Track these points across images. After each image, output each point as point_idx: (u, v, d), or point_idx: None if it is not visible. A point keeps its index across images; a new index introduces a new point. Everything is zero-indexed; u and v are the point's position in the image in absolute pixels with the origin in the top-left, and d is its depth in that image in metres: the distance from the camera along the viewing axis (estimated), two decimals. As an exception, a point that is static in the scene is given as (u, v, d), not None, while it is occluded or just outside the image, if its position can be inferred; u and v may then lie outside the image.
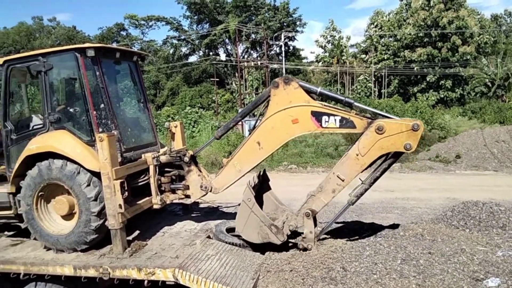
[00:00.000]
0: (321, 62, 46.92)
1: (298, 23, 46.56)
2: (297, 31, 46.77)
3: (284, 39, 42.98)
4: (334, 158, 18.40)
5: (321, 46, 47.01)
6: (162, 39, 52.84)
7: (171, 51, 48.36)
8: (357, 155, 4.76)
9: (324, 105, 4.87)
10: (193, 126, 27.34)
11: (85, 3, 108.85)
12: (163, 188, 5.78)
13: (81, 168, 5.05)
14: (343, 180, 4.86)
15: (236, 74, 41.83)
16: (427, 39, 39.15)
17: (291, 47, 48.33)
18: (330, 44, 46.36)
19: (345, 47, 46.15)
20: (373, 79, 43.13)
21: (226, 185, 5.44)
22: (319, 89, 5.00)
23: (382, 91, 42.78)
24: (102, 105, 5.43)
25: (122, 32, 53.27)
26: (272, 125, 4.99)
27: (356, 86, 43.05)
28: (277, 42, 44.00)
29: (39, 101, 6.53)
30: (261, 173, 6.17)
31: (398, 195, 12.54)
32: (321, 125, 4.82)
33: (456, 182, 14.18)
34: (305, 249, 5.10)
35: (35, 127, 5.65)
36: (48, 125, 5.39)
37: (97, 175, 5.03)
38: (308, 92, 4.93)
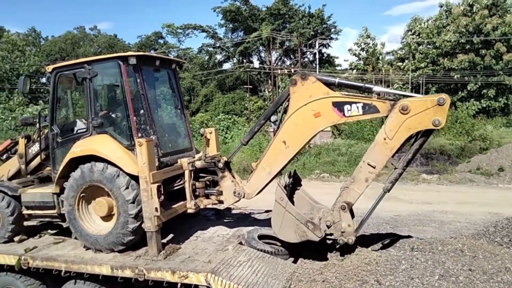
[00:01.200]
0: (355, 70, 46.22)
1: (332, 30, 46.18)
2: (331, 38, 46.39)
3: (318, 46, 42.73)
4: (368, 168, 18.01)
5: (355, 54, 46.36)
6: (197, 46, 54.01)
7: (206, 58, 49.34)
8: (385, 139, 4.63)
9: (345, 95, 4.82)
10: (226, 133, 27.69)
11: (125, 13, 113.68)
12: (197, 193, 5.88)
13: (121, 171, 5.24)
14: (374, 167, 4.72)
15: (269, 81, 41.98)
16: (469, 46, 37.64)
17: (325, 55, 48.00)
18: (364, 51, 45.61)
19: (380, 54, 45.24)
20: (410, 87, 41.90)
21: (258, 189, 5.44)
22: (337, 80, 4.97)
23: (419, 99, 41.35)
24: (141, 111, 5.63)
25: (159, 40, 55.07)
26: (295, 122, 4.99)
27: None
28: (310, 50, 43.78)
29: (81, 105, 6.91)
30: (292, 173, 6.15)
31: (436, 208, 12.07)
32: (344, 114, 4.78)
33: (499, 196, 13.44)
34: (346, 244, 4.96)
35: (79, 131, 5.93)
36: (91, 130, 5.65)
37: (135, 178, 5.20)
38: (327, 84, 4.89)
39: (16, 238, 6.25)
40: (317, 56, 43.79)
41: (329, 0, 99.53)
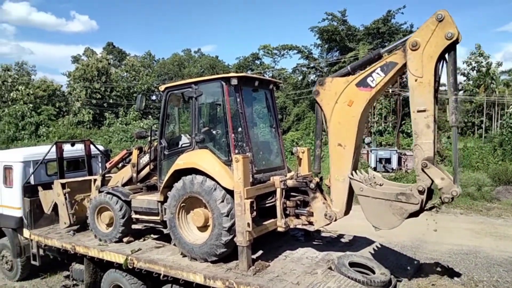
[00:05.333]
0: (462, 91, 42.24)
1: (437, 48, 43.09)
2: (435, 57, 43.27)
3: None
4: (476, 200, 16.09)
5: (463, 74, 42.44)
6: (292, 67, 55.02)
7: (299, 79, 49.96)
8: (416, 80, 4.61)
9: (361, 72, 5.01)
10: (323, 150, 27.34)
11: (227, 36, 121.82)
12: (287, 212, 5.89)
13: (218, 185, 5.52)
14: (425, 111, 4.58)
15: (364, 102, 40.64)
16: None
17: (427, 74, 44.90)
18: (474, 71, 41.52)
19: (494, 74, 40.66)
20: (530, 110, 36.65)
21: (343, 203, 5.33)
22: (349, 67, 5.27)
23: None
24: (240, 129, 5.90)
25: (256, 61, 57.53)
26: (338, 121, 5.16)
27: (505, 120, 37.30)
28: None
29: (183, 121, 7.51)
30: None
31: None
32: (371, 87, 4.92)
33: None
34: (452, 198, 4.54)
35: (183, 145, 6.45)
36: (194, 144, 6.09)
37: (230, 192, 5.43)
38: (343, 76, 5.20)
39: (125, 239, 6.98)
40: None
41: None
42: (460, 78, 43.09)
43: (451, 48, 4.49)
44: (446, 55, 4.53)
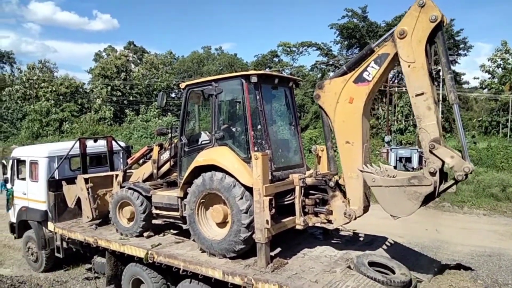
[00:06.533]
0: (487, 89, 41.03)
1: (462, 46, 41.94)
2: (459, 55, 42.20)
3: (443, 63, 39.15)
4: (500, 201, 15.64)
5: (488, 71, 41.18)
6: (310, 64, 54.50)
7: (318, 76, 49.56)
8: (409, 66, 4.73)
9: (356, 69, 5.18)
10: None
11: (246, 34, 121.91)
12: (306, 210, 5.88)
13: (237, 182, 5.56)
14: (424, 93, 4.67)
15: (384, 100, 39.99)
16: None
17: (450, 72, 43.82)
18: (500, 68, 40.21)
19: (521, 71, 39.28)
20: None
21: (360, 199, 5.36)
22: (344, 66, 5.44)
23: None
24: (259, 126, 5.91)
25: (274, 59, 57.34)
26: (342, 120, 5.33)
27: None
28: (434, 67, 40.39)
29: (203, 118, 7.57)
30: None
31: None
32: (368, 80, 5.10)
33: None
34: (466, 175, 4.48)
35: (203, 142, 6.51)
36: (213, 141, 6.14)
37: (249, 189, 5.46)
38: (340, 75, 5.36)
39: (145, 234, 7.11)
40: (440, 74, 40.18)
41: (459, 14, 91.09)
42: (485, 76, 41.91)
43: (437, 29, 4.63)
44: (436, 39, 4.67)
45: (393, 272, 5.34)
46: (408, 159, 22.59)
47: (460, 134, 4.83)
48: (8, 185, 10.00)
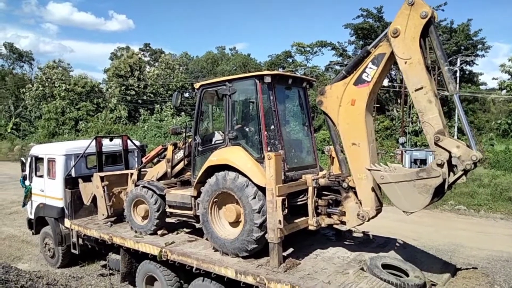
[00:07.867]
0: (505, 90, 40.12)
1: (479, 46, 41.08)
2: (476, 55, 41.33)
3: (460, 63, 38.50)
4: (519, 204, 15.29)
5: (508, 72, 40.27)
6: (324, 64, 54.27)
7: (332, 77, 49.28)
8: (406, 62, 4.82)
9: (355, 72, 5.29)
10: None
11: (260, 34, 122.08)
12: (319, 211, 5.87)
13: (250, 181, 5.58)
14: (423, 87, 4.73)
15: (399, 100, 39.50)
16: None
17: (467, 72, 43.00)
18: (520, 68, 39.28)
19: (542, 72, 38.33)
20: None
21: (371, 200, 5.37)
22: (343, 70, 5.54)
23: None
24: (272, 127, 5.93)
25: (288, 59, 57.19)
26: (346, 122, 5.43)
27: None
28: (451, 67, 39.69)
29: (216, 118, 7.62)
30: None
31: None
32: (367, 82, 5.22)
33: None
34: (475, 164, 4.43)
35: (217, 141, 6.56)
36: (227, 141, 6.18)
37: (262, 189, 5.47)
38: (340, 80, 5.46)
39: (159, 232, 7.20)
40: (457, 74, 39.50)
41: (478, 14, 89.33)
42: (504, 76, 41.00)
43: (429, 24, 4.74)
44: (429, 33, 4.78)
45: (407, 275, 5.28)
46: (423, 161, 22.26)
47: (463, 123, 4.87)
48: (27, 182, 10.24)
